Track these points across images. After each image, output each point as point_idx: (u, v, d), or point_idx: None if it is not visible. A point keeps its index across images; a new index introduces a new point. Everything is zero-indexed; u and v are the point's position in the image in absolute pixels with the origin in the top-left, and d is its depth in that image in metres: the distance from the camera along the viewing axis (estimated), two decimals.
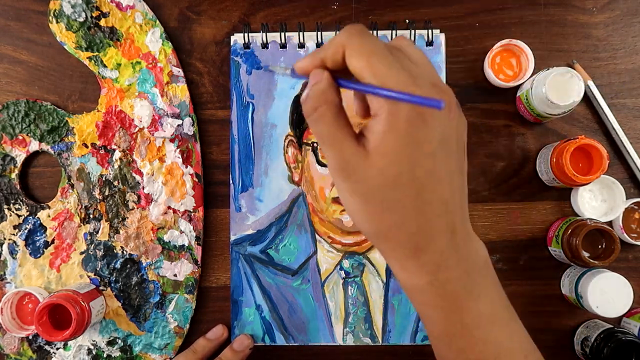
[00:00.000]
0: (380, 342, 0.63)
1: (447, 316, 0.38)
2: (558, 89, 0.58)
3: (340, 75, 0.37)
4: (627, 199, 0.63)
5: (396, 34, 0.64)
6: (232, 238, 0.64)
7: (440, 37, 0.64)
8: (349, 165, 0.35)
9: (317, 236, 0.64)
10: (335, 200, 0.63)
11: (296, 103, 0.64)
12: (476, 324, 0.38)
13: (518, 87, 0.64)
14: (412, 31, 0.64)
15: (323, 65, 0.37)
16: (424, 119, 0.34)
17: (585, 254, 0.59)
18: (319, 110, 0.36)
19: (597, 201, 0.64)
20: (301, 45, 0.65)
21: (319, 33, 0.64)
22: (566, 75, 0.58)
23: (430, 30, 0.64)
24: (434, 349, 0.41)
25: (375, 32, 0.64)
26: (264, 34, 0.64)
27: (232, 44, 0.65)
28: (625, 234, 0.62)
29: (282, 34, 0.64)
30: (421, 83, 0.34)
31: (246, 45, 0.65)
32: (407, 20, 0.65)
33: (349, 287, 0.64)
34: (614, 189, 0.63)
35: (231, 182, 0.65)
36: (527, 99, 0.61)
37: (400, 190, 0.35)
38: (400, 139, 0.34)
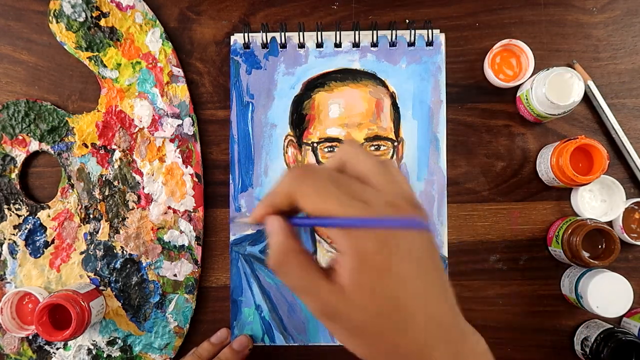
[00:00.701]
0: None
1: None
2: (558, 89, 0.58)
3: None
4: (627, 199, 0.63)
5: (396, 34, 0.64)
6: (232, 238, 0.64)
7: (440, 37, 0.64)
8: (330, 307, 0.35)
9: (316, 236, 0.64)
10: None
11: (296, 103, 0.64)
12: None
13: (518, 87, 0.64)
14: (412, 31, 0.64)
15: (277, 211, 0.37)
16: (387, 245, 0.34)
17: (585, 254, 0.59)
18: (284, 265, 0.36)
19: (597, 201, 0.64)
20: (301, 45, 0.65)
21: (319, 33, 0.64)
22: (566, 75, 0.58)
23: (430, 30, 0.64)
24: None
25: (375, 31, 0.64)
26: (264, 34, 0.64)
27: (232, 43, 0.65)
28: (625, 234, 0.62)
29: (282, 33, 0.64)
30: (375, 206, 0.34)
31: (246, 45, 0.65)
32: (407, 21, 0.65)
33: None
34: (613, 189, 0.63)
35: (231, 182, 0.65)
36: (527, 99, 0.61)
37: (386, 320, 0.34)
38: (371, 272, 0.34)
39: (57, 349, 0.64)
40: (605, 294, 0.58)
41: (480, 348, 0.38)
